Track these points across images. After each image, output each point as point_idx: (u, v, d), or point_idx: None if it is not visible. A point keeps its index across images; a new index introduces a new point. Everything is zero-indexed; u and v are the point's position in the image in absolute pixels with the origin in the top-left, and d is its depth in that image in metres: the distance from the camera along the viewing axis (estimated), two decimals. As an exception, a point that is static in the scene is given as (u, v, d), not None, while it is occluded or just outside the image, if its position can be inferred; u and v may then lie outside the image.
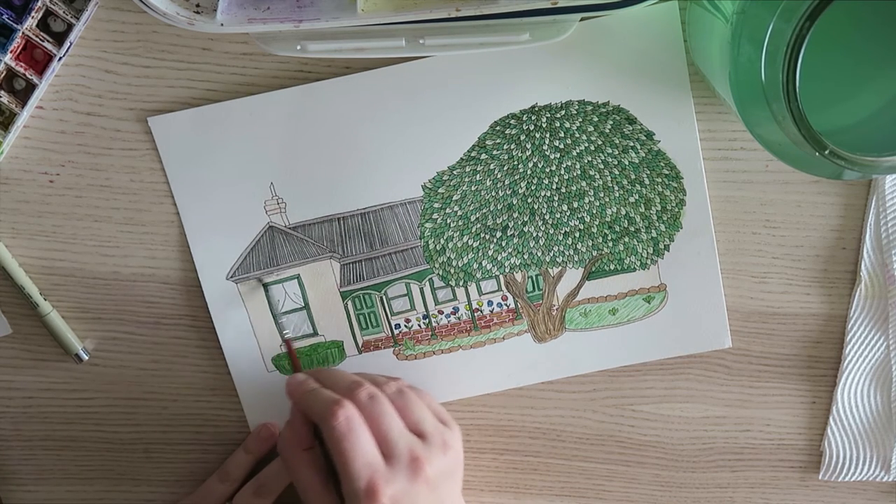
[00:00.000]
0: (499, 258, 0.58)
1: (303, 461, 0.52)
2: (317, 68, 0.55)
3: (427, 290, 0.59)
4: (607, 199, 0.57)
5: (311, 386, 0.52)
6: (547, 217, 0.58)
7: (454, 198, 0.58)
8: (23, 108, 0.55)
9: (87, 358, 0.60)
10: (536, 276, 0.59)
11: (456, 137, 0.56)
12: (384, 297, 0.59)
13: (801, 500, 0.63)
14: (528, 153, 0.57)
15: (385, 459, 0.49)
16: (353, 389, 0.51)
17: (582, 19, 0.53)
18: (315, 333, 0.60)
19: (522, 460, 0.62)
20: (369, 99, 0.56)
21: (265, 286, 0.58)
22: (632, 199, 0.57)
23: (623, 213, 0.58)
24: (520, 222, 0.58)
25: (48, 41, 0.54)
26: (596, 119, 0.56)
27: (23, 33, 0.54)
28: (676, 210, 0.57)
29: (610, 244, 0.58)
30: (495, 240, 0.58)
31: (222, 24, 0.51)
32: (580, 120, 0.56)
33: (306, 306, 0.59)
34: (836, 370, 0.60)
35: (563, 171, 0.57)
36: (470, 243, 0.58)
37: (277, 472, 0.59)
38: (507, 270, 0.59)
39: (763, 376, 0.60)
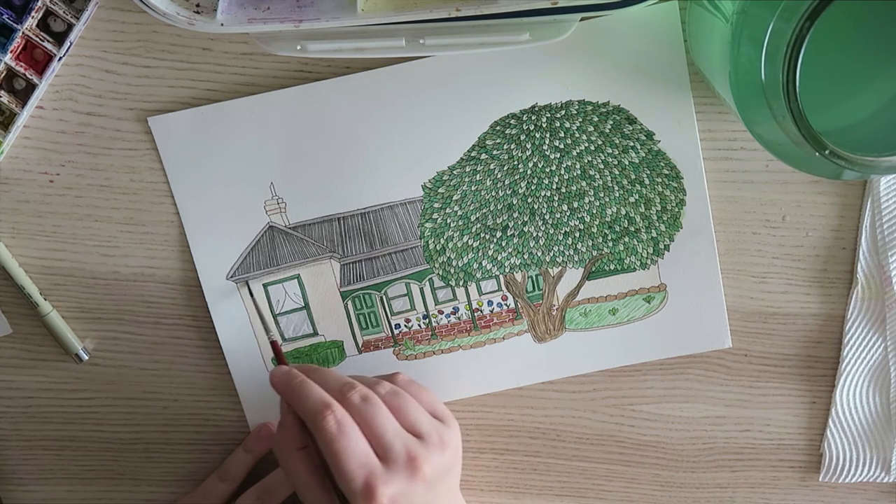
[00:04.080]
0: (499, 258, 0.58)
1: (298, 461, 0.51)
2: (317, 68, 0.55)
3: (427, 290, 0.59)
4: (607, 199, 0.57)
5: (295, 377, 0.51)
6: (547, 217, 0.58)
7: (454, 198, 0.58)
8: (23, 108, 0.55)
9: (87, 358, 0.60)
10: (536, 276, 0.59)
11: (456, 137, 0.56)
12: (384, 297, 0.59)
13: (801, 501, 0.63)
14: (528, 153, 0.57)
15: (381, 461, 0.49)
16: (344, 391, 0.50)
17: (582, 19, 0.53)
18: (315, 333, 0.60)
19: (522, 460, 0.62)
20: (369, 99, 0.56)
21: (270, 286, 0.58)
22: (632, 199, 0.57)
23: (623, 213, 0.58)
24: (520, 222, 0.58)
25: (48, 41, 0.54)
26: (596, 119, 0.56)
27: (23, 33, 0.54)
28: (676, 210, 0.57)
29: (610, 244, 0.58)
30: (495, 240, 0.58)
31: (222, 24, 0.51)
32: (580, 120, 0.56)
33: (306, 306, 0.59)
34: (836, 370, 0.60)
35: (563, 171, 0.57)
36: (470, 243, 0.58)
37: (282, 477, 0.59)
38: (507, 270, 0.59)
39: (763, 376, 0.60)
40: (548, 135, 0.56)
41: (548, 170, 0.57)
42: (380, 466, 0.49)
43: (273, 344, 0.57)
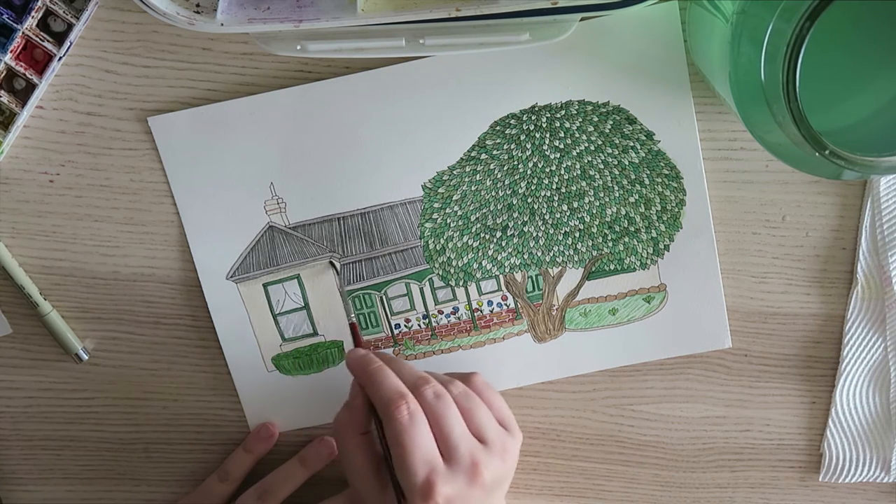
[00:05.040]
0: (499, 258, 0.58)
1: (357, 445, 0.52)
2: (317, 68, 0.55)
3: (427, 289, 0.59)
4: (607, 199, 0.57)
5: (374, 362, 0.52)
6: (547, 217, 0.58)
7: (454, 198, 0.58)
8: (23, 107, 0.55)
9: (87, 358, 0.60)
10: (536, 276, 0.59)
11: (456, 137, 0.56)
12: (384, 297, 0.59)
13: (800, 501, 0.63)
14: (528, 153, 0.57)
15: (445, 460, 0.49)
16: (419, 385, 0.51)
17: (582, 19, 0.53)
18: (315, 333, 0.60)
19: (522, 460, 0.62)
20: (369, 99, 0.56)
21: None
22: (632, 199, 0.57)
23: (623, 213, 0.58)
24: (520, 222, 0.58)
25: (48, 41, 0.54)
26: (596, 119, 0.56)
27: (23, 33, 0.54)
28: (676, 210, 0.57)
29: (610, 244, 0.58)
30: (495, 240, 0.58)
31: (222, 24, 0.51)
32: (580, 120, 0.56)
33: (306, 306, 0.59)
34: (836, 370, 0.60)
35: (563, 171, 0.57)
36: (470, 243, 0.58)
37: (282, 477, 0.59)
38: (507, 270, 0.59)
39: (763, 376, 0.60)
40: (548, 135, 0.56)
41: (548, 170, 0.57)
42: (442, 465, 0.49)
43: (352, 326, 0.57)
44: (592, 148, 0.57)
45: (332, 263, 0.57)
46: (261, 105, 0.56)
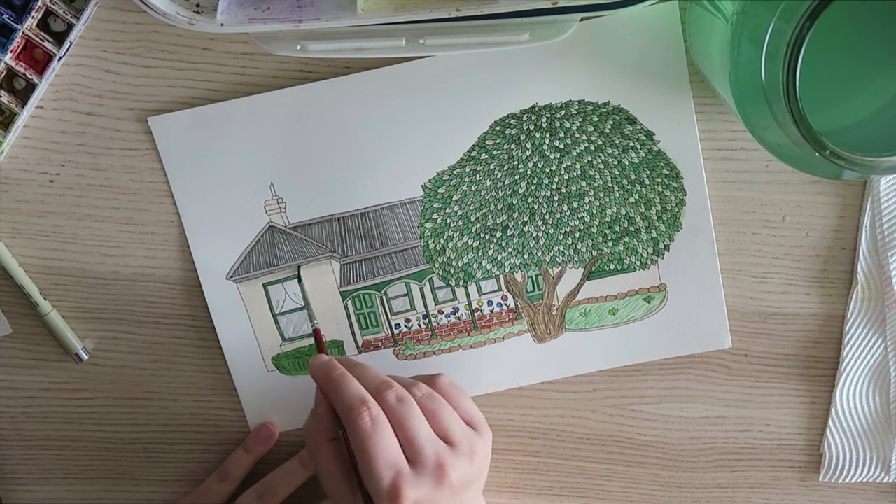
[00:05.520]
0: (499, 258, 0.58)
1: (326, 451, 0.52)
2: (317, 68, 0.55)
3: (427, 289, 0.59)
4: (607, 199, 0.57)
5: (336, 369, 0.51)
6: (547, 217, 0.58)
7: (454, 198, 0.58)
8: (23, 107, 0.55)
9: (87, 358, 0.60)
10: (536, 276, 0.59)
11: (456, 137, 0.56)
12: (384, 297, 0.59)
13: (800, 501, 0.63)
14: (528, 153, 0.57)
15: (410, 463, 0.49)
16: (381, 389, 0.50)
17: (582, 19, 0.53)
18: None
19: (522, 460, 0.62)
20: (369, 99, 0.56)
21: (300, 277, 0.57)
22: (632, 199, 0.57)
23: (623, 213, 0.58)
24: (520, 222, 0.58)
25: (48, 41, 0.54)
26: (596, 119, 0.56)
27: (23, 33, 0.54)
28: (676, 210, 0.57)
29: (610, 244, 0.58)
30: (495, 240, 0.58)
31: (222, 24, 0.51)
32: (580, 120, 0.56)
33: (306, 306, 0.59)
34: (836, 370, 0.60)
35: (563, 171, 0.57)
36: (470, 243, 0.58)
37: (282, 477, 0.59)
38: (507, 270, 0.59)
39: (763, 376, 0.60)
40: (548, 135, 0.56)
41: (548, 170, 0.57)
42: (408, 469, 0.49)
43: (315, 332, 0.57)
44: (592, 148, 0.57)
45: (298, 267, 0.57)
46: (261, 105, 0.56)
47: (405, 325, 0.60)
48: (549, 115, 0.56)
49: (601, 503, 0.63)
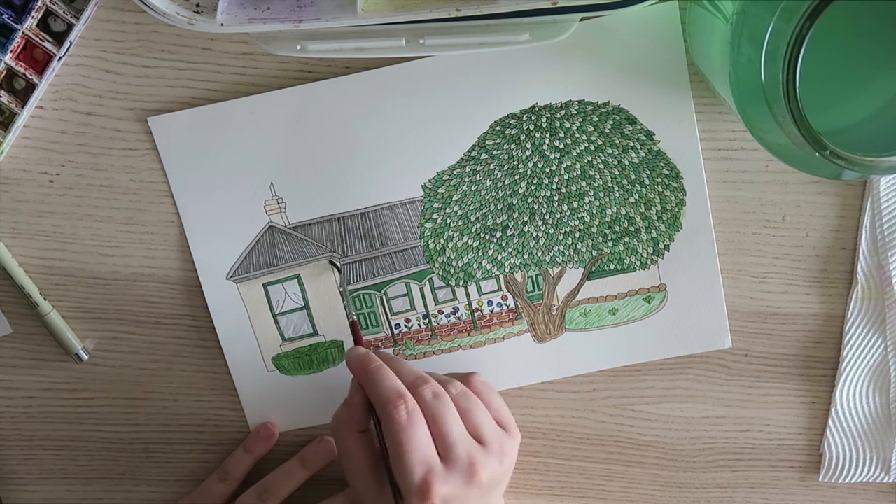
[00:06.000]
0: (499, 258, 0.58)
1: (356, 443, 0.52)
2: (317, 68, 0.55)
3: (427, 290, 0.59)
4: (607, 199, 0.57)
5: (373, 361, 0.52)
6: (547, 217, 0.58)
7: (454, 198, 0.58)
8: (23, 108, 0.55)
9: (87, 358, 0.60)
10: (536, 276, 0.59)
11: (456, 137, 0.56)
12: (384, 297, 0.59)
13: (800, 501, 0.63)
14: (528, 153, 0.57)
15: (442, 460, 0.49)
16: (418, 385, 0.51)
17: (582, 19, 0.53)
18: (315, 333, 0.60)
19: (522, 460, 0.62)
20: (369, 99, 0.56)
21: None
22: (632, 199, 0.57)
23: (623, 213, 0.58)
24: (520, 222, 0.58)
25: (48, 41, 0.54)
26: (596, 119, 0.56)
27: (23, 33, 0.54)
28: (676, 210, 0.57)
29: (610, 244, 0.58)
30: (495, 240, 0.58)
31: (222, 24, 0.51)
32: (580, 120, 0.56)
33: (306, 306, 0.59)
34: (836, 370, 0.60)
35: (563, 171, 0.57)
36: (470, 243, 0.58)
37: (282, 477, 0.59)
38: (507, 270, 0.59)
39: (763, 376, 0.60)
40: (548, 135, 0.56)
41: (548, 170, 0.57)
42: (440, 465, 0.49)
43: (352, 324, 0.57)
44: (592, 148, 0.57)
45: (332, 263, 0.57)
46: (261, 105, 0.56)
47: (405, 325, 0.60)
48: (549, 115, 0.56)
49: (601, 503, 0.63)
